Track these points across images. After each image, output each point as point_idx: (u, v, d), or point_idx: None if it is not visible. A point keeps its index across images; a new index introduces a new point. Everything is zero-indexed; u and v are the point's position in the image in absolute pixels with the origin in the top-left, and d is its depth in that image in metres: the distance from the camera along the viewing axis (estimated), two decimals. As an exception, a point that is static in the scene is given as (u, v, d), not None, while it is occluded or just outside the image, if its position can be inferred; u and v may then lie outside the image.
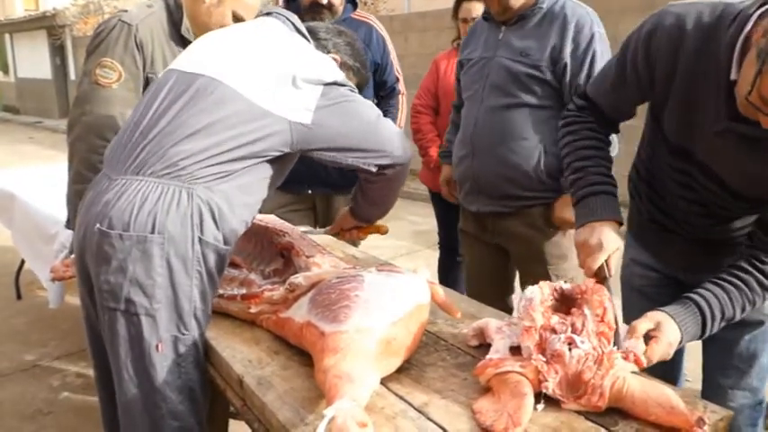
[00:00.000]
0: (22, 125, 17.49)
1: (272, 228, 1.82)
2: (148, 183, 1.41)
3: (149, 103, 1.51)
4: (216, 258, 1.47)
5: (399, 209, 7.44)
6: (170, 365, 1.45)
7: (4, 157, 10.58)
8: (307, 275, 1.48)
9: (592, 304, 1.28)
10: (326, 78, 1.52)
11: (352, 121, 1.55)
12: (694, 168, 1.41)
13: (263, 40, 1.57)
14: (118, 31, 1.99)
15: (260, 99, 1.45)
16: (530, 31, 2.07)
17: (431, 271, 3.34)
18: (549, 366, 1.19)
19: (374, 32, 2.82)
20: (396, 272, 1.45)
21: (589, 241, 1.44)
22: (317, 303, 1.33)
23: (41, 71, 18.61)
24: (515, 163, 2.07)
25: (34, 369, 3.35)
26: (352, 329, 1.22)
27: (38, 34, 18.38)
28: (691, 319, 1.31)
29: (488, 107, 2.13)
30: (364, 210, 1.92)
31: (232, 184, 1.46)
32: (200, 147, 1.42)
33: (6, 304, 4.19)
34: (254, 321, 1.57)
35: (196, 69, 1.51)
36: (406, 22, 8.64)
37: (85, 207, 1.50)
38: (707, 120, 1.32)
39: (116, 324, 1.42)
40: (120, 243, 1.38)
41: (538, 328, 1.25)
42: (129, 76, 1.98)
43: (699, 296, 1.33)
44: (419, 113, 3.30)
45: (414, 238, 5.83)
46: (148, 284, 1.39)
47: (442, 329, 1.54)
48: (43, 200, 3.35)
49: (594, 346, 1.20)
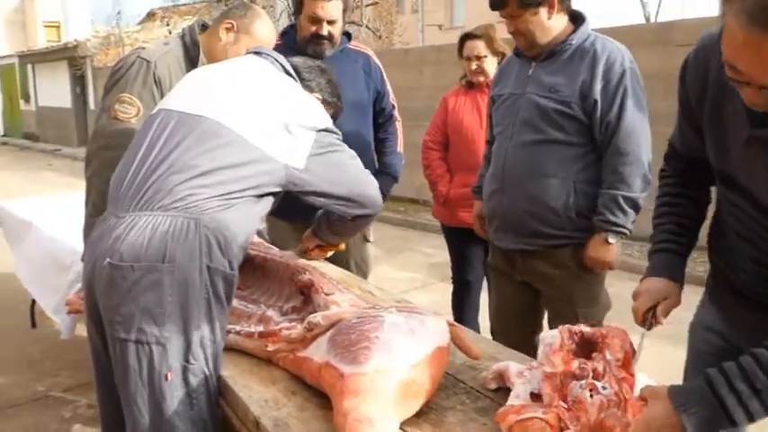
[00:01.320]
0: (42, 152, 17.75)
1: (293, 265, 1.82)
2: (157, 216, 1.46)
3: (152, 143, 1.56)
4: (224, 284, 1.51)
5: (413, 241, 7.52)
6: (181, 396, 1.46)
7: (23, 184, 10.72)
8: (326, 315, 1.46)
9: (613, 349, 1.26)
10: (319, 125, 1.62)
11: (340, 171, 1.68)
12: (739, 197, 1.32)
13: (260, 84, 1.64)
14: (137, 67, 2.03)
15: (261, 143, 1.53)
16: (559, 68, 2.08)
17: (447, 305, 3.33)
18: (570, 413, 1.16)
19: (371, 62, 2.86)
20: (416, 312, 1.44)
21: (638, 291, 1.47)
22: (337, 344, 1.32)
23: (62, 100, 18.94)
24: (544, 200, 2.06)
25: (46, 399, 3.34)
26: (372, 371, 1.20)
27: (59, 65, 18.75)
28: (695, 395, 1.07)
29: (518, 143, 2.13)
30: (327, 236, 2.02)
31: (234, 213, 1.52)
32: (206, 183, 1.49)
33: (21, 333, 4.20)
34: (271, 360, 1.56)
35: (199, 112, 1.56)
36: (421, 55, 8.72)
37: (93, 243, 1.54)
38: (735, 133, 1.27)
39: (127, 355, 1.44)
40: (132, 274, 1.42)
41: (558, 374, 1.23)
42: (147, 112, 2.00)
43: (716, 369, 1.09)
44: (429, 149, 3.31)
45: (428, 271, 5.80)
46: (159, 313, 1.42)
47: (461, 371, 1.52)
48: (60, 229, 3.36)
49: (617, 392, 1.17)
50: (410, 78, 8.29)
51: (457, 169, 3.21)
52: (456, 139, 3.19)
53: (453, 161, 3.24)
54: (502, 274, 2.35)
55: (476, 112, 3.14)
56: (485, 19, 3.21)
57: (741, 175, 1.29)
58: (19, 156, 17.27)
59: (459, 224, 3.18)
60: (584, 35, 2.09)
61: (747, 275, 1.38)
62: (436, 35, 18.30)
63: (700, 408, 1.06)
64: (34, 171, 13.31)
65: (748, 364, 1.06)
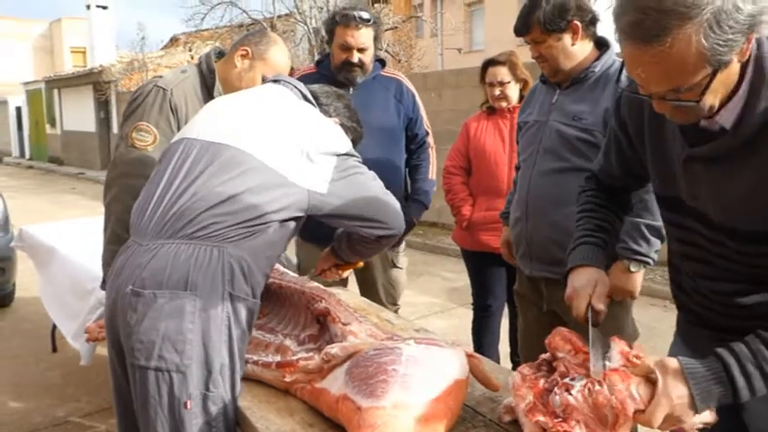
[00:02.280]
0: (66, 176, 18.05)
1: (309, 293, 1.81)
2: (179, 244, 1.47)
3: (175, 172, 1.57)
4: (246, 312, 1.51)
5: (433, 265, 7.50)
6: (200, 425, 1.45)
7: (47, 207, 10.90)
8: (343, 346, 1.45)
9: (559, 346, 1.32)
10: (340, 150, 1.64)
11: (362, 193, 1.68)
12: (688, 218, 1.32)
13: (278, 111, 1.66)
14: (153, 95, 2.06)
15: (283, 169, 1.54)
16: (583, 95, 2.07)
17: (466, 330, 3.30)
18: (567, 422, 1.16)
19: (404, 88, 2.87)
20: (434, 344, 1.42)
21: (569, 294, 1.48)
22: (354, 376, 1.30)
23: (86, 124, 19.29)
24: (566, 228, 2.03)
25: (66, 425, 3.35)
26: (389, 405, 1.19)
27: (84, 89, 19.12)
28: (709, 373, 1.12)
29: (541, 171, 2.13)
30: (346, 255, 2.04)
31: (258, 241, 1.52)
32: (229, 211, 1.48)
33: (42, 357, 4.23)
34: (289, 390, 1.54)
35: (221, 140, 1.57)
36: (440, 79, 8.76)
37: (115, 273, 1.54)
38: (676, 156, 1.29)
39: (147, 382, 1.43)
40: (154, 301, 1.42)
41: (532, 401, 1.23)
42: (164, 139, 2.03)
43: (727, 349, 1.13)
44: (451, 174, 3.32)
45: (447, 295, 5.76)
46: (179, 341, 1.42)
47: (481, 402, 1.49)
48: (82, 254, 3.39)
49: (587, 374, 1.21)
50: (430, 102, 8.33)
51: (479, 193, 3.21)
52: (478, 164, 3.20)
53: (476, 185, 3.24)
54: (528, 301, 2.34)
55: (498, 137, 3.14)
56: (504, 42, 3.23)
57: (687, 197, 1.30)
58: (44, 179, 17.57)
59: (481, 248, 3.17)
60: (609, 62, 2.08)
61: (703, 297, 1.37)
62: (456, 59, 18.40)
63: (712, 386, 1.11)
64: (58, 194, 13.53)
65: (757, 347, 1.11)
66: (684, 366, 1.12)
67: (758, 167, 1.14)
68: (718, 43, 1.01)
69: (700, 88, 1.07)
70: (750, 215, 1.19)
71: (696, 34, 1.00)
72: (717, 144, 1.18)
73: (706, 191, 1.25)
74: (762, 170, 1.13)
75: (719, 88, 1.10)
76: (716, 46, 1.01)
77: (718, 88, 1.09)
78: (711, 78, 1.06)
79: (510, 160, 3.06)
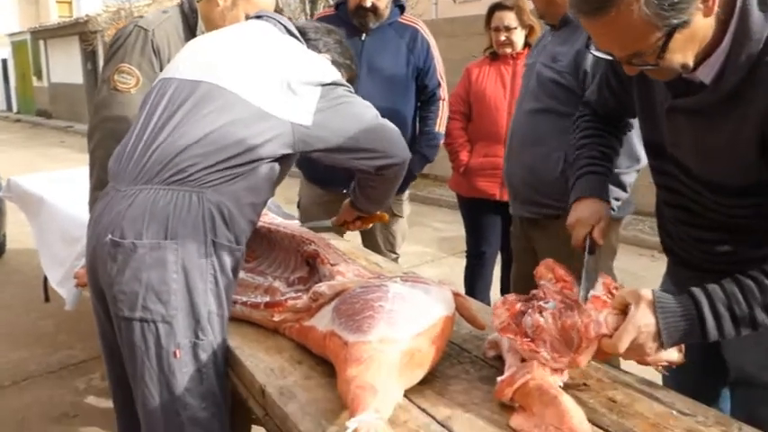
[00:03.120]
0: (54, 129, 17.83)
1: (298, 236, 1.81)
2: (158, 190, 1.42)
3: (150, 114, 1.51)
4: (230, 259, 1.48)
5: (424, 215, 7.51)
6: (191, 372, 1.44)
7: (36, 160, 10.80)
8: (331, 284, 1.46)
9: (542, 275, 1.36)
10: (325, 79, 1.54)
11: (352, 121, 1.57)
12: (669, 164, 1.34)
13: (259, 45, 1.58)
14: (135, 36, 2.01)
15: (262, 102, 1.46)
16: (567, 37, 2.07)
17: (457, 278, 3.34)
18: (536, 342, 1.20)
19: (419, 36, 2.80)
20: (420, 282, 1.43)
21: (572, 221, 1.55)
22: (341, 313, 1.32)
23: (74, 76, 18.97)
24: (538, 169, 2.08)
25: (61, 371, 3.39)
26: (375, 340, 1.20)
27: (71, 40, 18.74)
28: (679, 309, 1.13)
29: (523, 112, 2.18)
30: (363, 204, 1.97)
31: (239, 185, 1.47)
32: (205, 152, 1.43)
33: (34, 306, 4.25)
34: (277, 330, 1.56)
35: (196, 77, 1.51)
36: (434, 28, 8.49)
37: (95, 220, 1.50)
38: (660, 104, 1.30)
39: (132, 334, 1.42)
40: (134, 251, 1.39)
41: (506, 321, 1.27)
42: (146, 81, 1.99)
43: (701, 288, 1.15)
44: (451, 119, 3.29)
45: (438, 245, 5.80)
46: (164, 291, 1.39)
47: (467, 340, 1.52)
48: (70, 203, 3.37)
49: (562, 299, 1.25)
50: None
51: (478, 139, 3.20)
52: (479, 109, 3.18)
53: (475, 131, 3.23)
54: (518, 241, 2.39)
55: (499, 83, 3.11)
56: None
57: (668, 145, 1.32)
58: (32, 132, 17.37)
59: (478, 195, 3.18)
60: None
61: (684, 242, 1.41)
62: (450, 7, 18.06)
63: (680, 322, 1.13)
64: (47, 147, 13.39)
65: (732, 291, 1.12)
66: (657, 299, 1.14)
67: (736, 122, 1.14)
68: (662, 8, 1.03)
69: (657, 51, 1.09)
70: (727, 168, 1.20)
71: (637, 2, 1.03)
72: (698, 98, 1.19)
73: (686, 142, 1.26)
74: (740, 125, 1.14)
75: (687, 47, 1.11)
76: (661, 11, 1.04)
77: (682, 47, 1.10)
78: (666, 41, 1.07)
79: (510, 107, 3.04)
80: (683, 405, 1.20)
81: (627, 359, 1.19)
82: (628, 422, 1.14)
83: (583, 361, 1.18)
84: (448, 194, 7.61)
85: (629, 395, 1.24)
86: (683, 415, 1.16)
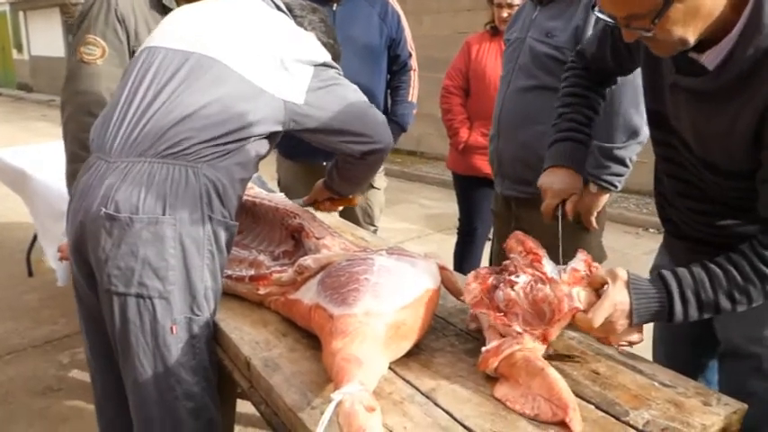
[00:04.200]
0: (35, 103, 17.55)
1: (283, 209, 1.80)
2: (152, 164, 1.38)
3: (137, 82, 1.47)
4: (226, 234, 1.47)
5: (411, 192, 7.51)
6: (184, 347, 1.42)
7: (17, 134, 10.64)
8: (316, 258, 1.46)
9: (513, 248, 1.37)
10: (317, 59, 1.54)
11: (342, 104, 1.57)
12: (671, 136, 1.34)
13: (251, 19, 1.55)
14: (98, 6, 1.97)
15: (255, 78, 1.45)
16: (559, 12, 2.03)
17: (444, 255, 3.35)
18: (508, 315, 1.22)
19: (389, 8, 2.80)
20: (406, 255, 1.43)
21: (543, 186, 1.57)
22: (326, 286, 1.31)
23: (54, 49, 18.61)
24: (534, 148, 2.03)
25: (45, 346, 3.38)
26: (360, 313, 1.20)
27: (51, 12, 18.35)
28: (651, 291, 1.17)
29: (514, 89, 2.12)
30: (338, 186, 1.95)
31: (232, 161, 1.45)
32: (200, 125, 1.40)
33: (18, 281, 4.22)
34: (263, 303, 1.56)
35: (187, 47, 1.47)
36: (420, 3, 8.53)
37: (80, 192, 1.44)
38: (665, 77, 1.29)
39: (126, 310, 1.38)
40: (130, 226, 1.35)
41: (478, 296, 1.28)
42: (113, 52, 1.96)
43: (671, 273, 1.19)
44: (450, 94, 3.26)
45: (425, 222, 5.80)
46: (161, 267, 1.37)
47: (452, 313, 1.52)
48: (54, 177, 3.34)
49: (532, 273, 1.26)
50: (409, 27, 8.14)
51: (476, 117, 3.17)
52: (477, 86, 3.14)
53: (473, 108, 3.20)
54: (502, 220, 2.36)
55: (499, 60, 3.07)
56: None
57: (671, 116, 1.31)
58: (13, 106, 17.08)
59: (473, 173, 3.17)
60: None
61: (682, 214, 1.41)
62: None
63: (651, 303, 1.17)
64: (28, 121, 13.19)
65: (700, 277, 1.16)
66: (631, 280, 1.18)
67: (733, 112, 1.14)
68: None
69: (651, 16, 1.06)
70: (720, 152, 1.21)
71: None
72: (700, 81, 1.18)
73: (686, 120, 1.25)
74: (736, 115, 1.13)
75: (687, 20, 1.07)
76: None
77: (683, 20, 1.07)
78: (664, 8, 1.04)
79: None
80: (665, 377, 1.21)
81: (594, 335, 1.22)
82: (610, 393, 1.16)
83: (553, 333, 1.20)
84: (434, 171, 7.61)
85: (612, 367, 1.25)
86: (664, 386, 1.18)
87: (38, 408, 2.79)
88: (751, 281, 1.14)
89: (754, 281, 1.14)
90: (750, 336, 1.35)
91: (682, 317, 1.17)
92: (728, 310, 1.17)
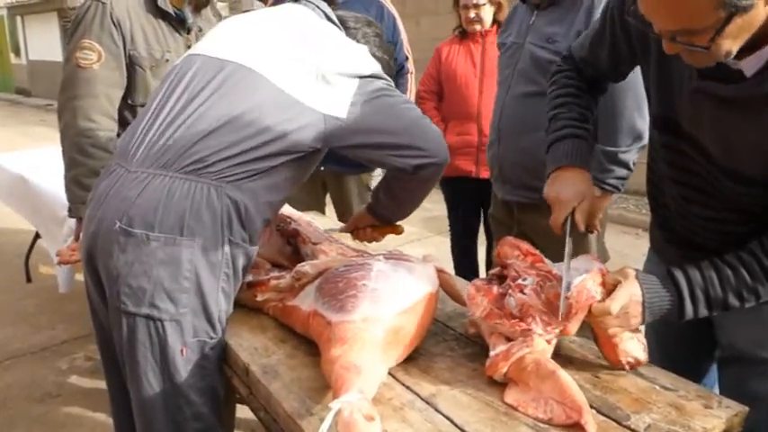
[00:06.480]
0: (34, 108, 17.53)
1: (279, 214, 1.79)
2: (174, 179, 1.31)
3: (170, 90, 1.40)
4: (244, 259, 1.41)
5: (409, 194, 7.39)
6: (193, 369, 1.37)
7: (15, 139, 10.62)
8: (314, 263, 1.45)
9: (508, 254, 1.36)
10: (364, 71, 1.44)
11: (390, 115, 1.46)
12: (682, 141, 1.27)
13: (295, 31, 1.48)
14: (93, 11, 1.97)
15: (291, 89, 1.36)
16: (559, 16, 2.01)
17: (442, 258, 3.35)
18: (524, 319, 1.21)
19: (385, 11, 2.81)
20: (404, 260, 1.42)
21: (550, 195, 1.45)
22: (324, 292, 1.31)
23: (52, 53, 18.59)
24: (536, 154, 2.01)
25: (43, 352, 3.36)
26: (359, 319, 1.19)
27: (49, 17, 18.35)
28: (661, 289, 1.17)
29: (514, 94, 2.11)
30: (386, 209, 1.77)
31: (260, 183, 1.37)
32: (229, 141, 1.32)
33: (17, 286, 4.21)
34: (261, 309, 1.55)
35: (223, 55, 1.41)
36: (419, 5, 8.53)
37: (97, 199, 1.38)
38: (682, 82, 1.23)
39: (136, 330, 1.33)
40: (146, 244, 1.28)
41: (488, 307, 1.26)
42: (109, 56, 1.95)
43: (681, 271, 1.17)
44: (423, 99, 3.30)
45: (424, 224, 5.79)
46: (175, 289, 1.30)
47: (451, 317, 1.51)
48: (55, 181, 3.32)
49: (537, 273, 1.26)
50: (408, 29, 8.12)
51: (451, 118, 3.20)
52: (450, 88, 3.17)
53: (447, 110, 3.23)
54: (502, 225, 2.36)
55: (469, 61, 3.11)
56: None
57: (685, 123, 1.26)
58: (11, 111, 17.06)
59: (456, 173, 3.17)
60: None
61: (686, 221, 1.36)
62: (434, -15, 17.90)
63: (662, 301, 1.17)
64: (27, 126, 13.17)
65: (710, 276, 1.16)
66: (641, 277, 1.18)
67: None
68: None
69: (711, 33, 0.97)
70: (749, 160, 1.16)
71: None
72: (734, 87, 1.11)
73: (710, 128, 1.19)
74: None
75: (740, 34, 1.00)
76: None
77: (736, 34, 1.00)
78: (725, 23, 0.97)
79: (481, 84, 3.06)
80: (666, 380, 1.21)
81: (611, 327, 1.19)
82: (611, 397, 1.15)
83: (573, 328, 1.18)
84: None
85: (613, 371, 1.24)
86: (665, 390, 1.17)
87: (36, 414, 2.78)
88: (759, 279, 1.14)
89: (762, 279, 1.14)
90: (758, 340, 1.33)
91: (692, 314, 1.17)
92: (737, 306, 1.17)
